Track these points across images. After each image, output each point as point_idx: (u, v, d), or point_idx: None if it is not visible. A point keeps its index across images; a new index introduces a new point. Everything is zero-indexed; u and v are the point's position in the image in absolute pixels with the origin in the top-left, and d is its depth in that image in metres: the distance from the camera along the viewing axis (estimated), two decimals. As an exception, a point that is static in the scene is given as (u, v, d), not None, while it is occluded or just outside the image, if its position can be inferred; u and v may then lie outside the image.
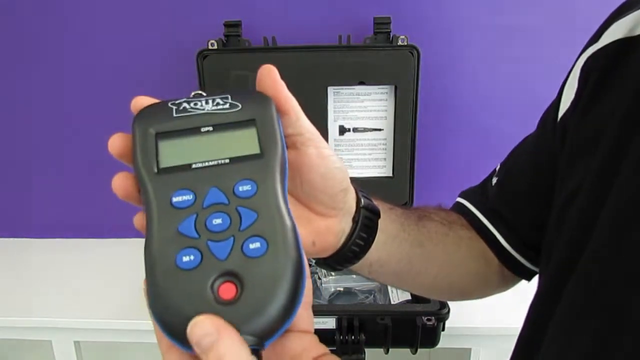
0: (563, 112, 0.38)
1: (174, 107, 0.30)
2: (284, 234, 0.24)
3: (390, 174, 1.02)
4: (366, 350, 0.73)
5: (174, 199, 0.25)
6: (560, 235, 0.33)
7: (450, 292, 0.52)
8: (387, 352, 0.77)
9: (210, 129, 0.28)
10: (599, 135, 0.32)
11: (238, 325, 0.22)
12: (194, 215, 0.25)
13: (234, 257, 0.23)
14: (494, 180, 0.49)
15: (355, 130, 1.01)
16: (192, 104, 0.29)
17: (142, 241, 0.28)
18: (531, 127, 1.01)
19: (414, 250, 0.44)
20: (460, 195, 0.53)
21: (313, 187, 0.34)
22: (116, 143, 0.32)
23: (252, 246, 0.24)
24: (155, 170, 0.26)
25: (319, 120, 0.99)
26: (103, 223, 1.16)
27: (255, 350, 0.23)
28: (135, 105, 0.32)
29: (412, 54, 0.93)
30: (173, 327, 0.23)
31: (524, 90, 1.00)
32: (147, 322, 0.80)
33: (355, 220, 0.38)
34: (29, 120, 1.10)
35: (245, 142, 0.27)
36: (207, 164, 0.26)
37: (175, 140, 0.27)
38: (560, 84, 0.42)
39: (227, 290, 0.23)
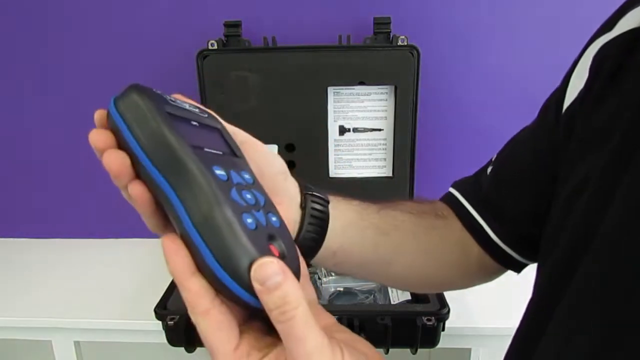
0: (570, 102, 0.37)
1: (165, 97, 0.30)
2: (280, 215, 0.30)
3: (390, 174, 1.02)
4: (366, 350, 0.73)
5: (217, 172, 0.27)
6: (564, 227, 0.33)
7: (427, 283, 0.51)
8: (387, 352, 0.77)
9: (197, 124, 0.30)
10: (611, 126, 0.31)
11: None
12: (234, 188, 0.27)
13: (269, 226, 0.28)
14: (489, 169, 0.48)
15: (355, 130, 1.01)
16: (172, 100, 0.31)
17: (142, 241, 0.28)
18: (531, 127, 0.98)
19: (378, 238, 0.44)
20: (452, 185, 0.52)
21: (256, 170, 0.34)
22: (102, 137, 0.31)
23: (273, 219, 0.28)
24: (188, 146, 0.27)
25: (319, 120, 0.99)
26: (103, 223, 1.16)
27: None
28: (99, 117, 0.32)
29: (412, 54, 0.93)
30: (237, 271, 0.24)
31: (524, 90, 1.00)
32: (147, 322, 0.80)
33: (302, 207, 0.40)
34: (28, 120, 1.10)
35: (221, 143, 0.31)
36: (213, 151, 0.29)
37: (183, 124, 0.29)
38: (559, 83, 0.42)
39: (274, 250, 0.27)
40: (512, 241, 0.45)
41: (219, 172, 0.27)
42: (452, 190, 0.51)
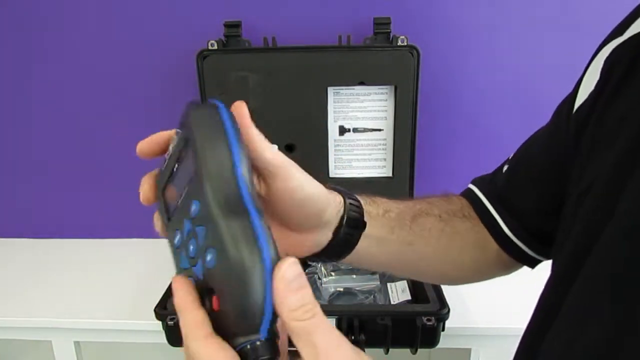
0: (580, 104, 0.38)
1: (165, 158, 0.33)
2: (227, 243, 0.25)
3: (390, 174, 1.02)
4: (366, 350, 0.73)
5: (174, 240, 0.31)
6: (574, 226, 0.33)
7: (442, 279, 0.55)
8: (387, 352, 0.77)
9: (177, 165, 0.31)
10: (620, 128, 0.32)
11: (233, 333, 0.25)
12: (182, 253, 0.30)
13: (204, 276, 0.26)
14: (505, 167, 0.50)
15: (355, 130, 1.01)
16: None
17: (142, 241, 0.29)
18: (531, 126, 1.01)
19: (402, 249, 0.46)
20: (472, 182, 0.53)
21: (285, 215, 0.36)
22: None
23: (208, 258, 0.26)
24: (166, 218, 0.33)
25: (319, 120, 0.99)
26: (103, 223, 1.16)
27: (269, 341, 0.26)
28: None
29: (412, 54, 0.93)
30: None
31: (524, 90, 1.00)
32: (147, 322, 0.80)
33: (335, 234, 0.41)
34: (28, 120, 1.10)
35: (188, 163, 0.28)
36: (180, 198, 0.29)
37: (167, 187, 0.33)
38: (559, 83, 0.42)
39: (214, 302, 0.26)
40: (525, 237, 0.46)
41: (177, 237, 0.30)
42: (471, 186, 0.52)
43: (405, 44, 0.93)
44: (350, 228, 0.41)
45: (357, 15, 0.98)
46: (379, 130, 1.01)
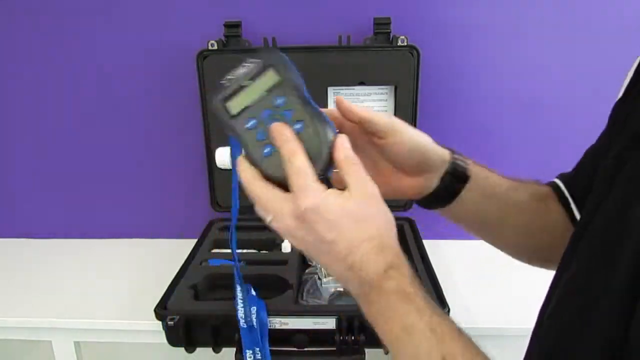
0: (617, 99, 0.40)
1: (224, 82, 0.46)
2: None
3: (390, 174, 1.02)
4: (366, 350, 0.73)
5: (246, 125, 0.43)
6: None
7: (522, 252, 0.58)
8: (387, 352, 0.77)
9: (250, 82, 0.45)
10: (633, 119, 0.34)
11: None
12: (259, 130, 0.43)
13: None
14: (580, 161, 0.53)
15: (355, 130, 1.01)
16: (232, 74, 0.47)
17: (142, 241, 0.29)
18: (531, 126, 1.02)
19: (498, 212, 0.52)
20: (556, 177, 0.56)
21: (400, 162, 0.48)
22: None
23: (297, 126, 0.42)
24: (229, 116, 0.44)
25: (319, 120, 0.99)
26: (103, 223, 1.16)
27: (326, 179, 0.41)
28: None
29: (412, 54, 0.93)
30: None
31: (523, 90, 1.00)
32: (147, 322, 0.80)
33: (442, 180, 0.50)
34: (29, 121, 1.10)
35: (270, 78, 0.44)
36: (256, 99, 0.44)
37: (234, 97, 0.45)
38: (559, 83, 0.44)
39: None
40: None
41: (250, 122, 0.43)
42: (555, 179, 0.55)
43: (405, 44, 0.93)
44: (455, 177, 0.50)
45: (357, 16, 0.98)
46: (379, 130, 1.00)
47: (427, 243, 0.94)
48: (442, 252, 1.02)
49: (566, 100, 0.99)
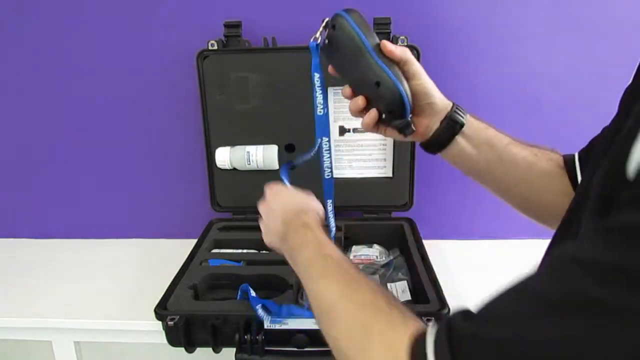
0: (624, 89, 0.42)
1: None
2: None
3: (390, 175, 1.02)
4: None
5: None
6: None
7: (521, 204, 0.62)
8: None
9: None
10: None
11: None
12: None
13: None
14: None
15: (355, 130, 1.01)
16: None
17: (142, 241, 0.29)
18: (531, 126, 1.02)
19: (494, 160, 0.59)
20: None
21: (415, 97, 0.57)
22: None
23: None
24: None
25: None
26: (103, 223, 1.16)
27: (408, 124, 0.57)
28: None
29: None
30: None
31: (523, 91, 1.00)
32: (147, 322, 0.80)
33: (441, 124, 0.59)
34: (29, 121, 1.10)
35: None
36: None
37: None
38: (559, 83, 0.44)
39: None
40: None
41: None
42: (574, 154, 0.58)
43: (405, 44, 0.93)
44: (453, 122, 0.58)
45: (357, 16, 0.98)
46: (379, 130, 1.00)
47: (427, 243, 0.94)
48: (442, 252, 1.02)
49: (566, 100, 0.99)
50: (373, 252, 0.96)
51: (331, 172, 0.69)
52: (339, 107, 0.99)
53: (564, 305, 0.25)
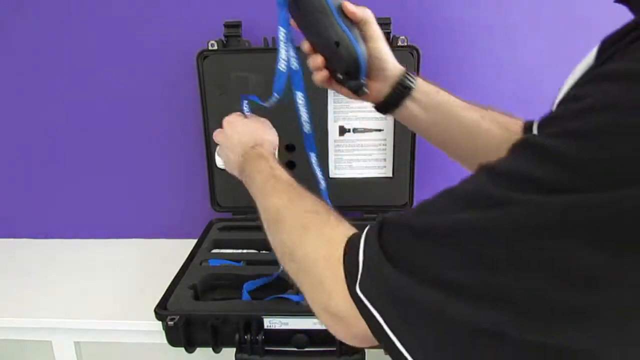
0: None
1: None
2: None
3: (390, 175, 1.02)
4: (366, 350, 0.74)
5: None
6: None
7: (467, 162, 0.67)
8: (386, 353, 0.77)
9: None
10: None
11: None
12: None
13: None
14: None
15: (355, 130, 1.01)
16: None
17: (142, 241, 0.29)
18: (531, 127, 0.97)
19: (439, 121, 0.63)
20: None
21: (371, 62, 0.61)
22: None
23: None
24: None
25: (319, 120, 0.99)
26: (103, 223, 1.16)
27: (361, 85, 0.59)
28: None
29: (412, 54, 0.93)
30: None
31: (524, 91, 1.00)
32: (147, 322, 0.80)
33: (391, 88, 0.62)
34: (28, 120, 1.10)
35: None
36: None
37: None
38: (559, 83, 0.44)
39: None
40: None
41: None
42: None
43: (406, 44, 0.93)
44: (402, 87, 0.62)
45: (357, 16, 0.98)
46: (379, 130, 1.01)
47: (427, 243, 0.94)
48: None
49: (566, 100, 0.99)
50: (373, 252, 0.96)
51: (310, 126, 0.70)
52: (339, 107, 0.99)
53: (466, 200, 0.32)
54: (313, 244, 0.40)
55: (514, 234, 0.28)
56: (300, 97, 0.68)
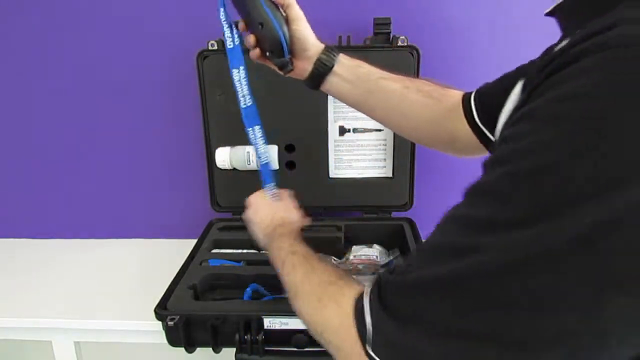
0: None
1: None
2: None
3: (390, 175, 1.02)
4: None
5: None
6: None
7: (400, 132, 0.74)
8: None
9: None
10: None
11: None
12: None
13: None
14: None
15: (355, 130, 1.01)
16: None
17: (142, 241, 0.29)
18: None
19: (364, 94, 0.68)
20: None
21: (292, 46, 0.67)
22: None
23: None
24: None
25: (319, 120, 0.99)
26: (103, 223, 1.16)
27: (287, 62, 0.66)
28: None
29: (412, 54, 0.93)
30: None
31: (524, 91, 1.00)
32: (147, 322, 0.80)
33: (314, 65, 0.68)
34: (28, 120, 1.10)
35: None
36: None
37: None
38: None
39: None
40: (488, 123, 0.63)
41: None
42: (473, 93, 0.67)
43: (405, 44, 0.93)
44: (322, 65, 0.67)
45: (357, 16, 0.98)
46: (379, 130, 1.01)
47: (427, 243, 0.94)
48: (442, 252, 1.02)
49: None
50: (373, 252, 0.96)
51: (251, 98, 0.75)
52: (339, 107, 0.99)
53: (439, 251, 0.34)
54: (328, 315, 0.44)
55: (489, 276, 0.30)
56: (236, 74, 0.73)
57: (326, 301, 0.45)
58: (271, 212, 0.71)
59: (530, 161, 0.30)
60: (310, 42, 0.67)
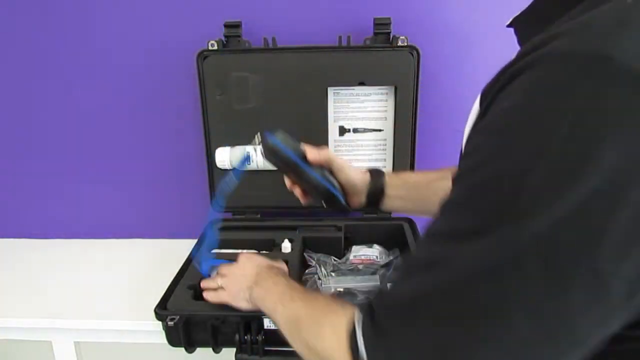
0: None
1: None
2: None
3: (390, 175, 1.02)
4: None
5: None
6: None
7: None
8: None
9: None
10: None
11: None
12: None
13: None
14: None
15: (355, 130, 1.01)
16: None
17: (142, 241, 0.29)
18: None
19: (419, 202, 0.74)
20: None
21: (344, 189, 0.74)
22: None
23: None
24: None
25: (319, 121, 0.99)
26: (102, 223, 1.16)
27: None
28: None
29: (412, 54, 0.93)
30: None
31: (523, 91, 1.00)
32: (147, 322, 0.80)
33: (367, 197, 0.75)
34: (29, 121, 1.10)
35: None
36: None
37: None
38: None
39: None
40: None
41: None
42: None
43: (405, 44, 0.93)
44: (374, 191, 0.74)
45: (357, 16, 0.98)
46: (379, 130, 1.01)
47: (427, 243, 0.94)
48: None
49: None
50: (373, 252, 0.96)
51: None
52: (339, 108, 0.99)
53: (414, 267, 0.37)
54: (326, 335, 0.46)
55: (458, 284, 0.33)
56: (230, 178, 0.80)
57: (324, 324, 0.48)
58: (257, 261, 0.75)
59: (481, 172, 0.32)
60: (357, 181, 0.74)
